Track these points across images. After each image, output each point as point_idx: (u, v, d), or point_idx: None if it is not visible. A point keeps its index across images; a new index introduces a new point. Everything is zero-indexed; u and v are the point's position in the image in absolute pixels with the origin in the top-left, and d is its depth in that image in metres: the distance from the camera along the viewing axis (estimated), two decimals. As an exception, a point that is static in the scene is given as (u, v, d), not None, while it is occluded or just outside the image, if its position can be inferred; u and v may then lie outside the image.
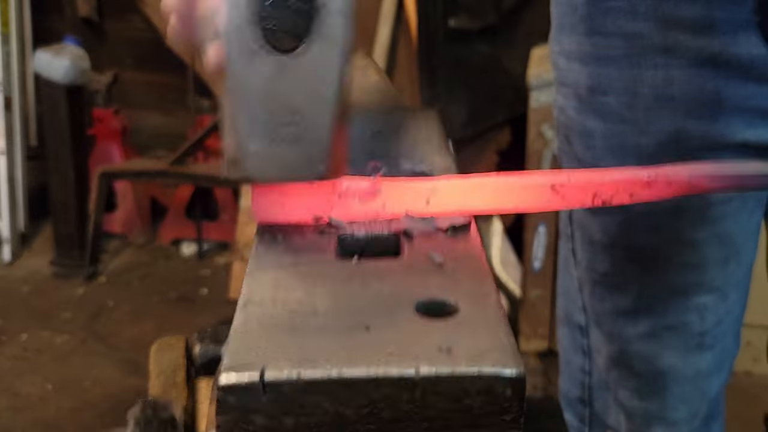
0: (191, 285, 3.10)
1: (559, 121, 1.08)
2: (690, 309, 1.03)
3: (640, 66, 0.93)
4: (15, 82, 3.23)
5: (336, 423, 0.42)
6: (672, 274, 1.02)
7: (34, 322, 2.82)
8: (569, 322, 1.18)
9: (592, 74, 0.97)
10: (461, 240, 0.56)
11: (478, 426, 0.42)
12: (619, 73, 0.95)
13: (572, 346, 1.18)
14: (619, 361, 1.09)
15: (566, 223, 1.13)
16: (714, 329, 1.05)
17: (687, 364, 1.07)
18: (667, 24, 0.90)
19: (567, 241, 1.15)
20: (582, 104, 1.00)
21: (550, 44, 1.08)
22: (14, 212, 3.24)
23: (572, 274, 1.15)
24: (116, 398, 2.38)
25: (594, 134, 0.99)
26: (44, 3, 3.42)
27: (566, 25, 1.01)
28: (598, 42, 0.96)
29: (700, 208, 0.97)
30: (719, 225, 0.99)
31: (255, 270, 0.51)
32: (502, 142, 2.81)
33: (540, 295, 2.57)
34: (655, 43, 0.91)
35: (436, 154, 0.72)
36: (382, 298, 0.48)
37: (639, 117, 0.95)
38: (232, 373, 0.41)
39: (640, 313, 1.05)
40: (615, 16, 0.93)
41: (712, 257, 1.01)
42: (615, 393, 1.12)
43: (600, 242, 1.06)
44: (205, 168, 3.13)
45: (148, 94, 3.53)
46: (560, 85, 1.05)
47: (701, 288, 1.03)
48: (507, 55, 2.69)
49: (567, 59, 1.02)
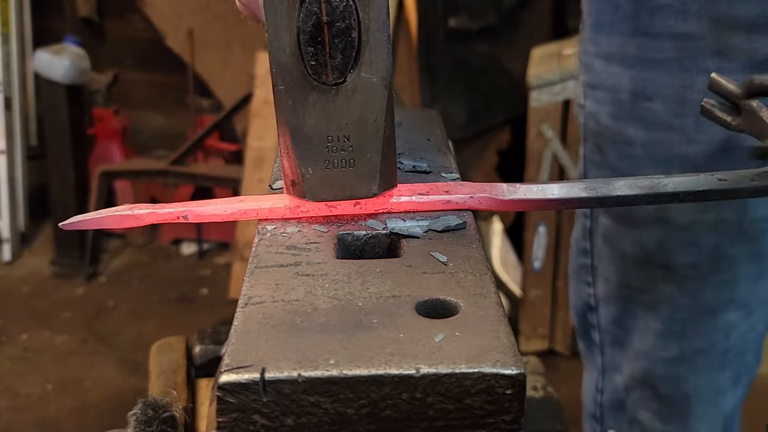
0: (191, 285, 3.10)
1: (587, 128, 1.01)
2: (718, 328, 1.00)
3: (690, 70, 0.87)
4: (15, 82, 3.23)
5: (336, 423, 0.42)
6: (706, 294, 0.98)
7: (34, 322, 2.82)
8: (583, 339, 1.14)
9: (636, 78, 0.91)
10: (461, 240, 0.56)
11: (478, 426, 0.42)
12: (668, 78, 0.89)
13: (588, 359, 1.15)
14: (643, 381, 1.05)
15: (585, 236, 1.08)
16: (735, 345, 1.02)
17: (709, 383, 1.04)
18: (720, 24, 0.84)
19: (583, 256, 1.09)
20: (621, 110, 0.94)
21: (581, 44, 1.00)
22: (14, 212, 3.25)
23: (586, 290, 1.10)
24: (116, 398, 2.38)
25: (634, 142, 0.93)
26: (44, 3, 3.42)
27: (605, 24, 0.94)
28: (645, 43, 0.90)
29: (740, 223, 0.93)
30: (757, 241, 0.95)
31: (255, 270, 0.51)
32: (502, 142, 2.81)
33: (540, 295, 2.58)
34: (707, 45, 0.86)
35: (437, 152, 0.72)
36: (382, 298, 0.48)
37: (688, 125, 0.88)
38: (232, 373, 0.41)
39: (671, 336, 1.01)
40: (664, 15, 0.87)
41: (744, 273, 0.97)
42: (634, 413, 1.08)
43: (632, 257, 1.00)
44: (205, 168, 3.13)
45: (148, 94, 3.53)
46: (592, 88, 0.99)
47: (730, 305, 0.99)
48: (507, 55, 2.69)
49: (605, 61, 0.95)
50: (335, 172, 0.57)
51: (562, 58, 2.42)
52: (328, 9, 0.52)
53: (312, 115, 0.56)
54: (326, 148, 0.57)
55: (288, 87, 0.55)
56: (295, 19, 0.53)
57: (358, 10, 0.53)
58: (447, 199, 0.60)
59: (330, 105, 0.55)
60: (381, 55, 0.55)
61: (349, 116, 0.56)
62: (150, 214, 0.59)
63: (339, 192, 0.58)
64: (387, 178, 0.59)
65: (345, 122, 0.56)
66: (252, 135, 2.91)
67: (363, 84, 0.55)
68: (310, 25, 0.53)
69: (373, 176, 0.58)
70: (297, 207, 0.59)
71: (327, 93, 0.55)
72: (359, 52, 0.54)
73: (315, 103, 0.55)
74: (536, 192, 0.62)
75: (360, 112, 0.56)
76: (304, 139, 0.56)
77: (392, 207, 0.59)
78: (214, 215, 0.59)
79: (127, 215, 0.59)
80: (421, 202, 0.60)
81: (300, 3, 0.52)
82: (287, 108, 0.55)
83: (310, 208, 0.59)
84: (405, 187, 0.60)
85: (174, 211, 0.59)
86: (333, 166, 0.57)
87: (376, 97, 0.56)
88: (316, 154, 0.57)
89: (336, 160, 0.57)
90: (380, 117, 0.56)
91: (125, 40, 3.50)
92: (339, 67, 0.54)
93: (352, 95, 0.55)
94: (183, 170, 3.02)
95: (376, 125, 0.56)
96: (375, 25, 0.54)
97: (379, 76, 0.55)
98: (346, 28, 0.53)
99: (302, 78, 0.54)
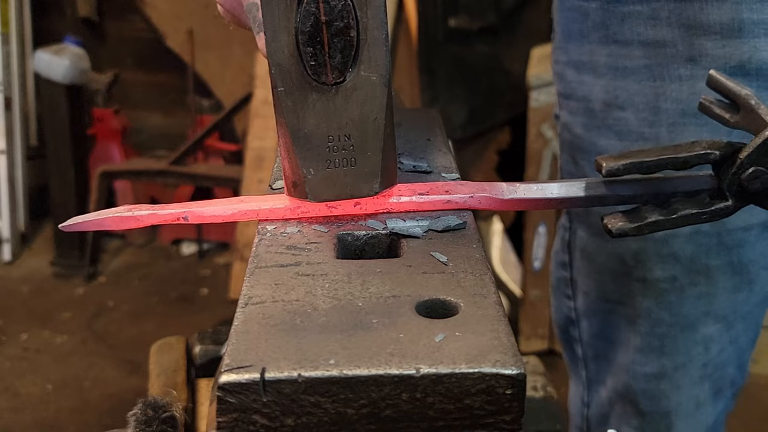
0: (191, 285, 3.10)
1: (563, 139, 0.99)
2: (697, 342, 0.98)
3: (663, 78, 0.84)
4: (15, 82, 3.23)
5: (336, 423, 0.42)
6: (684, 307, 0.96)
7: (34, 322, 2.82)
8: (567, 352, 1.13)
9: (608, 87, 0.89)
10: (461, 240, 0.56)
11: (478, 426, 0.42)
12: (639, 86, 0.86)
13: (573, 372, 1.13)
14: (625, 395, 1.04)
15: (563, 249, 1.06)
16: (715, 359, 1.00)
17: (690, 397, 1.02)
18: (692, 30, 0.82)
19: (562, 269, 1.07)
20: (593, 120, 0.91)
21: (553, 53, 0.98)
22: (14, 212, 3.25)
23: (566, 304, 1.08)
24: (116, 398, 2.38)
25: (607, 153, 0.92)
26: (44, 3, 3.42)
27: (575, 32, 0.91)
28: (615, 51, 0.87)
29: (718, 234, 0.91)
30: (734, 252, 0.92)
31: (255, 270, 0.51)
32: (502, 142, 2.81)
33: (540, 295, 2.58)
34: (679, 52, 0.83)
35: (437, 152, 0.72)
36: (382, 298, 0.48)
37: (661, 134, 0.86)
38: (232, 373, 0.41)
39: (650, 351, 0.99)
40: (634, 22, 0.85)
41: (723, 285, 0.94)
42: (617, 429, 1.06)
43: (610, 270, 0.98)
44: (205, 168, 3.13)
45: (148, 94, 3.53)
46: (565, 98, 0.96)
47: (708, 317, 0.96)
48: (507, 55, 2.69)
49: (576, 70, 0.92)
50: (337, 172, 0.57)
51: (562, 58, 2.42)
52: (326, 9, 0.52)
53: (312, 116, 0.56)
54: (327, 148, 0.57)
55: (288, 88, 0.55)
56: (293, 20, 0.53)
57: (356, 9, 0.53)
58: (447, 198, 0.60)
59: (330, 105, 0.55)
60: (379, 53, 0.55)
61: (350, 115, 0.56)
62: (150, 215, 0.59)
63: (341, 191, 0.58)
64: (388, 175, 0.59)
65: (345, 121, 0.56)
66: (252, 135, 2.90)
67: (362, 82, 0.55)
68: (308, 25, 0.53)
69: (375, 174, 0.58)
70: (297, 207, 0.59)
71: (327, 93, 0.55)
72: (358, 51, 0.54)
73: (315, 104, 0.55)
74: (536, 191, 0.62)
75: (360, 111, 0.56)
76: (304, 140, 0.56)
77: (392, 207, 0.59)
78: (215, 216, 0.59)
79: (127, 216, 0.59)
80: (422, 202, 0.60)
81: (298, 3, 0.52)
82: (287, 109, 0.55)
83: (311, 209, 0.59)
84: (405, 186, 0.60)
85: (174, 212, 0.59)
86: (334, 166, 0.57)
87: (375, 95, 0.56)
88: (317, 154, 0.57)
89: (337, 160, 0.57)
90: (380, 115, 0.56)
91: (125, 40, 3.49)
92: (338, 66, 0.54)
93: (352, 94, 0.55)
94: (183, 170, 3.02)
95: (377, 123, 0.56)
96: (373, 23, 0.54)
97: (378, 74, 0.55)
98: (345, 28, 0.53)
99: (302, 79, 0.54)
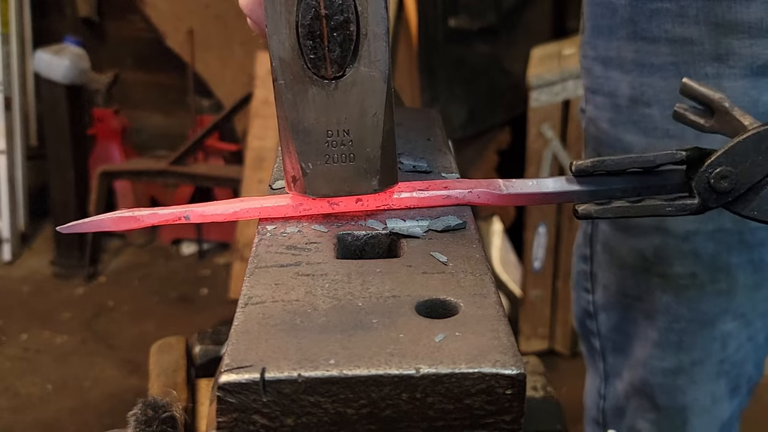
0: (191, 285, 3.10)
1: (588, 133, 1.00)
2: (715, 338, 0.98)
3: (689, 75, 0.83)
4: (15, 82, 3.23)
5: (336, 423, 0.42)
6: (703, 303, 0.97)
7: (34, 322, 2.82)
8: (585, 344, 1.14)
9: (634, 83, 0.89)
10: (461, 240, 0.56)
11: (478, 426, 0.42)
12: (665, 83, 0.86)
13: (591, 365, 1.14)
14: (641, 389, 1.05)
15: (585, 242, 1.07)
16: (733, 356, 1.01)
17: (706, 393, 1.02)
18: (720, 28, 0.82)
19: (583, 262, 1.08)
20: (619, 116, 0.92)
21: (581, 48, 0.98)
22: (14, 212, 3.25)
23: (586, 298, 1.09)
24: (116, 398, 2.38)
25: (632, 149, 0.90)
26: (44, 3, 3.42)
27: (604, 27, 0.91)
28: (642, 48, 0.87)
29: (740, 233, 0.91)
30: (756, 251, 0.93)
31: (255, 270, 0.51)
32: (502, 142, 2.81)
33: (540, 295, 2.57)
34: (706, 50, 0.83)
35: (437, 152, 0.72)
36: (382, 298, 0.48)
37: (686, 131, 0.83)
38: (232, 373, 0.41)
39: (667, 346, 1.00)
40: (662, 19, 0.85)
41: (743, 283, 0.95)
42: (633, 422, 1.07)
43: (631, 265, 0.99)
44: (205, 168, 3.13)
45: (148, 94, 3.53)
46: (592, 93, 0.97)
47: (727, 314, 0.97)
48: (507, 55, 2.69)
49: (604, 66, 0.93)
50: (335, 167, 0.57)
51: (562, 58, 2.42)
52: (326, 2, 0.52)
53: (311, 110, 0.56)
54: (326, 143, 0.57)
55: (287, 81, 0.55)
56: (294, 13, 0.53)
57: (356, 3, 0.53)
58: (446, 194, 0.60)
59: (329, 99, 0.55)
60: (380, 48, 0.54)
61: (349, 110, 0.56)
62: (151, 215, 0.59)
63: (339, 187, 0.58)
64: (387, 173, 0.59)
65: (344, 116, 0.56)
66: (252, 135, 2.90)
67: (362, 78, 0.55)
68: (308, 18, 0.52)
69: (374, 171, 0.58)
70: (299, 205, 0.59)
71: (326, 87, 0.55)
72: (358, 46, 0.54)
73: (314, 98, 0.55)
74: (532, 186, 0.63)
75: (359, 106, 0.56)
76: (303, 133, 0.56)
77: (393, 203, 0.59)
78: (216, 215, 0.59)
79: (127, 216, 0.59)
80: (422, 198, 0.60)
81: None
82: (287, 102, 0.55)
83: (312, 206, 0.59)
84: (404, 184, 0.60)
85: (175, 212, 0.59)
86: (333, 161, 0.57)
87: (375, 90, 0.55)
88: (316, 148, 0.57)
89: (336, 155, 0.57)
90: (379, 111, 0.56)
91: (125, 40, 3.49)
92: (338, 60, 0.54)
93: (352, 89, 0.55)
94: (183, 170, 3.02)
95: (376, 119, 0.56)
96: (373, 18, 0.54)
97: (378, 70, 0.55)
98: (345, 21, 0.53)
99: (301, 72, 0.54)
